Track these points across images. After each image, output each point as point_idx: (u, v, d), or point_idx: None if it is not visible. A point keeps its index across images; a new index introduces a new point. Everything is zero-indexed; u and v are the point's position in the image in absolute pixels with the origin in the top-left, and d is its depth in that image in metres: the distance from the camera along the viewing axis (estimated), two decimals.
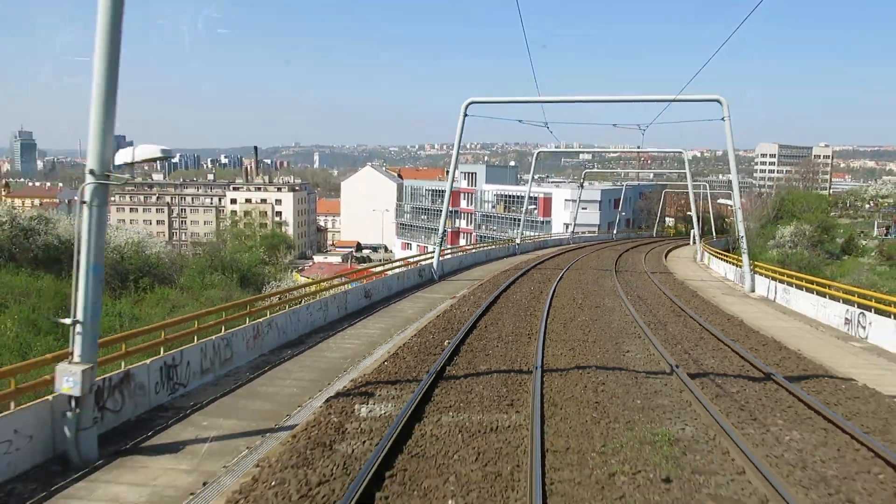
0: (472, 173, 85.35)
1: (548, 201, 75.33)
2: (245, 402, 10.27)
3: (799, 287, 21.64)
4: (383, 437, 7.93)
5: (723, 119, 26.08)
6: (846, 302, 17.90)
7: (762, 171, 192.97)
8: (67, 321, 7.75)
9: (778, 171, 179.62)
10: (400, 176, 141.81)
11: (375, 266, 29.78)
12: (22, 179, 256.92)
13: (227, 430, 8.93)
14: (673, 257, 46.12)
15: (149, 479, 7.36)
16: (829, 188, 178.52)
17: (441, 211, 30.17)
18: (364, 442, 8.08)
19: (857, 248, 65.15)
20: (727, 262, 33.78)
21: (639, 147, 53.34)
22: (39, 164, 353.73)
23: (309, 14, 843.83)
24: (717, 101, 26.16)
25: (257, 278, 47.38)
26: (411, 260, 29.08)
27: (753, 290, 25.97)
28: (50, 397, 7.82)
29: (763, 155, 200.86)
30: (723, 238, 67.70)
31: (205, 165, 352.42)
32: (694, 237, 57.99)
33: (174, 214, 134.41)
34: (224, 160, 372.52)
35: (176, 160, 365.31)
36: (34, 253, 43.32)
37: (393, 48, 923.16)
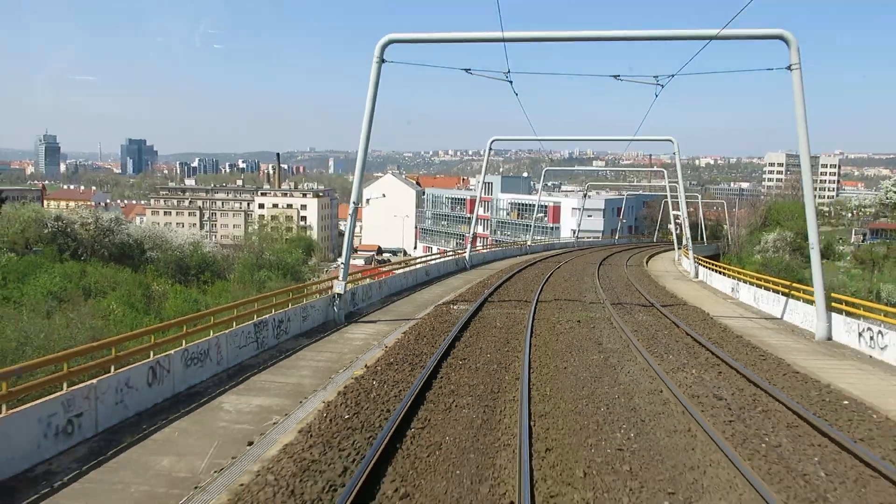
0: (489, 183, 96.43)
1: (557, 209, 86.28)
2: (394, 309, 21.31)
3: (716, 271, 32.51)
4: (468, 313, 18.95)
5: (674, 153, 36.55)
6: (743, 280, 28.70)
7: (770, 178, 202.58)
8: (341, 261, 18.65)
9: (786, 180, 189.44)
10: (418, 183, 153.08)
11: (427, 257, 40.83)
12: (48, 182, 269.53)
13: (392, 317, 19.96)
14: (656, 258, 56.73)
15: (367, 330, 18.30)
16: (836, 196, 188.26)
17: (460, 218, 41.27)
18: (460, 315, 19.06)
19: (835, 253, 75.35)
20: (694, 261, 44.47)
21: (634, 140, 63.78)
22: (62, 166, 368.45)
23: (323, 17, 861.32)
24: (670, 140, 36.89)
25: (299, 274, 59.14)
26: (448, 252, 40.17)
27: (697, 276, 36.78)
28: (329, 293, 18.80)
29: (771, 164, 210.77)
30: (713, 243, 77.97)
31: (223, 170, 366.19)
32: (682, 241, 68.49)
33: (205, 218, 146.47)
34: (242, 164, 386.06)
35: (195, 164, 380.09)
36: (110, 249, 55.47)
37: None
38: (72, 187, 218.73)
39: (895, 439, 9.46)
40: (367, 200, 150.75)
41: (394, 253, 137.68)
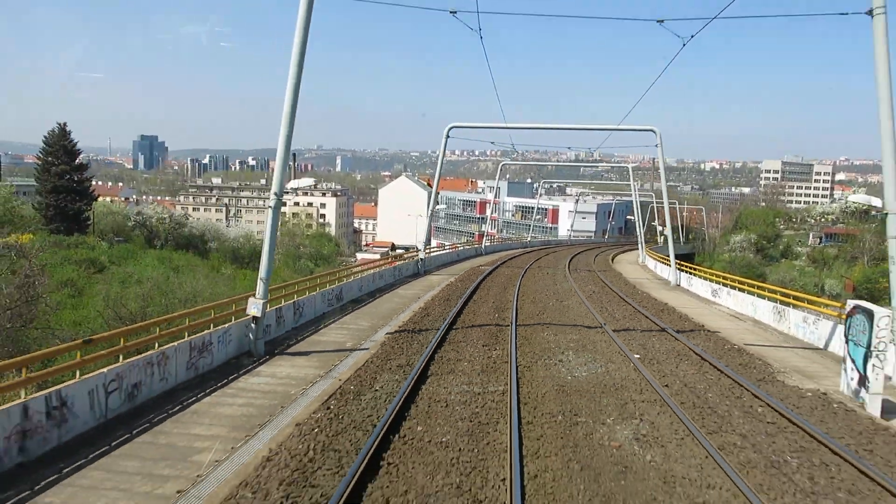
0: (498, 188, 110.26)
1: (555, 211, 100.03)
2: (474, 260, 34.91)
3: (656, 259, 46.05)
4: (489, 271, 32.58)
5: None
6: (658, 261, 42.18)
7: (766, 185, 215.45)
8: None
9: (764, 188, 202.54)
10: (429, 185, 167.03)
11: (457, 243, 54.49)
12: None
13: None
14: (625, 253, 70.14)
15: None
16: (831, 202, 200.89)
17: (470, 217, 54.77)
18: (487, 267, 32.69)
19: (793, 254, 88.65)
20: (650, 256, 57.94)
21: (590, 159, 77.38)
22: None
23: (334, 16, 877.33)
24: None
25: (333, 263, 73.75)
26: (468, 244, 53.94)
27: (645, 264, 50.31)
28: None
29: (767, 171, 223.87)
30: (690, 243, 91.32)
31: (233, 166, 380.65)
32: (664, 240, 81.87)
33: (231, 214, 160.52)
34: (252, 162, 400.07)
35: (206, 161, 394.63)
36: (179, 240, 69.93)
37: (412, 55, 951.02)
38: (108, 184, 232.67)
39: (673, 315, 23.08)
40: (379, 201, 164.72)
41: (406, 249, 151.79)
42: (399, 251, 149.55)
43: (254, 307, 15.66)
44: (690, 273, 33.86)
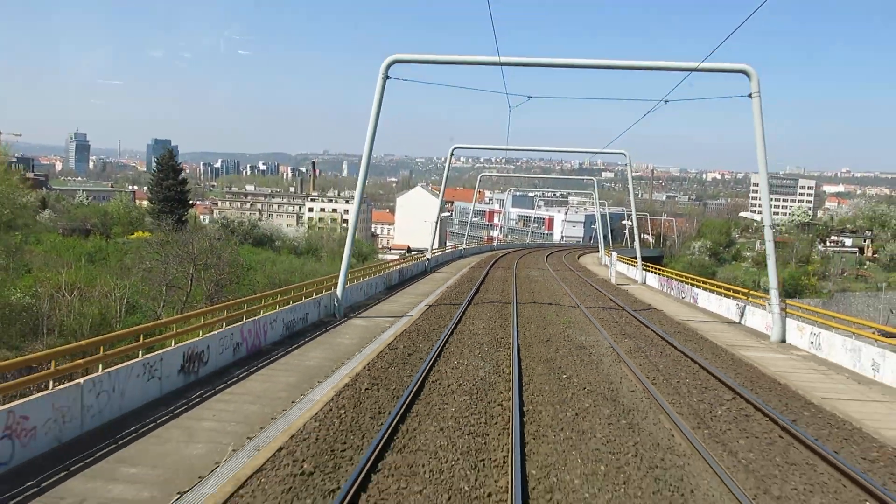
0: (502, 199, 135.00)
1: (551, 220, 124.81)
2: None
3: (618, 258, 70.56)
4: (502, 255, 57.18)
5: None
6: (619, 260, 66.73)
7: (754, 198, 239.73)
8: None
9: (729, 202, 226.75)
10: None
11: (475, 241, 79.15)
12: (80, 178, 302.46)
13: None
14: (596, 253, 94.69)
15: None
16: (814, 216, 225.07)
17: (481, 224, 79.19)
18: (503, 254, 57.17)
19: (741, 257, 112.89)
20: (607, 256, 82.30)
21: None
22: (90, 163, 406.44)
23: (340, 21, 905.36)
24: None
25: (370, 260, 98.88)
26: (480, 243, 78.78)
27: (602, 263, 74.76)
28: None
29: (755, 184, 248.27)
30: (659, 249, 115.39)
31: (244, 171, 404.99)
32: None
33: (262, 218, 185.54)
34: (262, 166, 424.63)
35: (218, 165, 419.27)
36: (254, 239, 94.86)
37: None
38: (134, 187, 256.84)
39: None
40: (397, 208, 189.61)
41: (421, 252, 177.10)
42: (413, 252, 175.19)
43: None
44: (646, 270, 50.30)
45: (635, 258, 52.40)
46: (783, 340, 23.52)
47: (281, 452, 10.08)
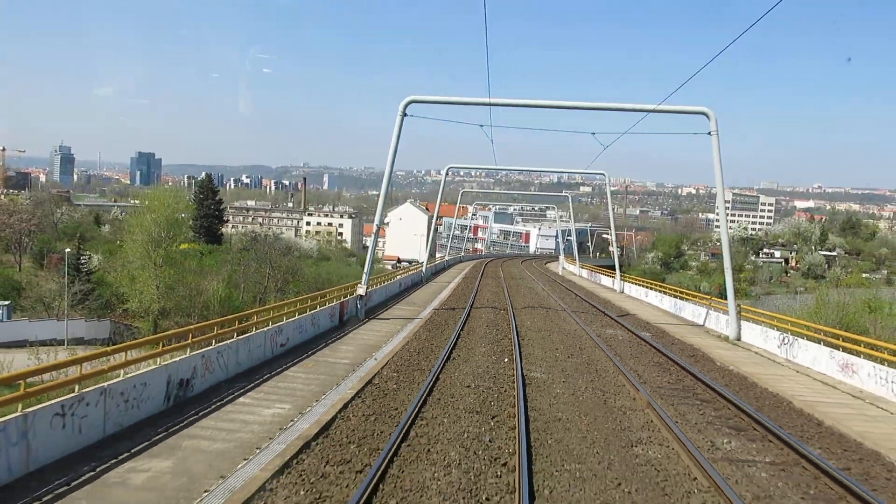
0: (486, 216, 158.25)
1: (528, 235, 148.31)
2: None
3: (570, 261, 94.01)
4: (490, 264, 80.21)
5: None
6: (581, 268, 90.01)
7: (716, 213, 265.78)
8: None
9: (730, 215, 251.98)
10: (427, 209, 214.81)
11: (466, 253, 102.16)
12: (69, 191, 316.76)
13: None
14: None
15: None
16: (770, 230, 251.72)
17: (465, 237, 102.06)
18: (488, 262, 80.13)
19: (688, 266, 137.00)
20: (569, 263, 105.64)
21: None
22: (74, 176, 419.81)
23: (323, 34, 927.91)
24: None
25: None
26: (473, 254, 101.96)
27: (562, 268, 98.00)
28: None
29: (726, 200, 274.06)
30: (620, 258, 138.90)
31: (228, 185, 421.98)
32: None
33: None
34: (246, 180, 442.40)
35: (201, 178, 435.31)
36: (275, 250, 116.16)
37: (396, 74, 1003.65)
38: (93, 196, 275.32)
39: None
40: (388, 223, 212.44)
41: (410, 263, 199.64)
42: (404, 263, 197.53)
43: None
44: (600, 274, 79.81)
45: (588, 265, 75.42)
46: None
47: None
